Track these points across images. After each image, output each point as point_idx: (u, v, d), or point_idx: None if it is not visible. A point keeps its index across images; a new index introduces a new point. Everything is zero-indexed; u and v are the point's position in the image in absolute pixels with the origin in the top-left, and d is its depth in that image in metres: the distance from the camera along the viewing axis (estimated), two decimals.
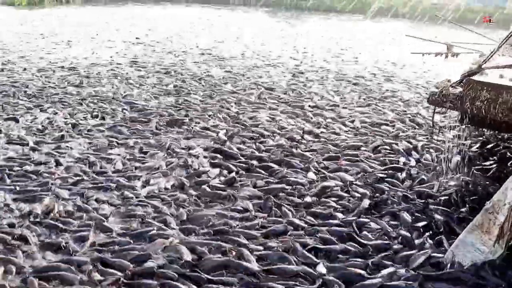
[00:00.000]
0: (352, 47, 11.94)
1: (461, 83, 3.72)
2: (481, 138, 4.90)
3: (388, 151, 4.85)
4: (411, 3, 19.40)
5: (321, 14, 19.55)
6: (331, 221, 3.49)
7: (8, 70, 8.14)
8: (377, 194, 3.92)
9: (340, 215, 3.58)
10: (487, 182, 4.08)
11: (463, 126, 4.22)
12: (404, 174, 4.28)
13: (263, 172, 4.31)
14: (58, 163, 4.41)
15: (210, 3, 21.78)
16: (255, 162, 4.48)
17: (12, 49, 10.21)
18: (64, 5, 20.36)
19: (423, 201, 3.81)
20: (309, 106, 6.41)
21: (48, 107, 6.17)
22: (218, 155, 4.66)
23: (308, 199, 3.81)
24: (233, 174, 4.23)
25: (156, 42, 11.63)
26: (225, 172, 4.32)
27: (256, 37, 12.96)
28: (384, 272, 2.93)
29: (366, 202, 3.74)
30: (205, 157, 4.65)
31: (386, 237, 3.34)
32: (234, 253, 3.06)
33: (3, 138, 5.09)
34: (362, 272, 2.93)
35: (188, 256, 2.98)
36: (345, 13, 19.73)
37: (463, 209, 3.68)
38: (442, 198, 3.84)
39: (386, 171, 4.35)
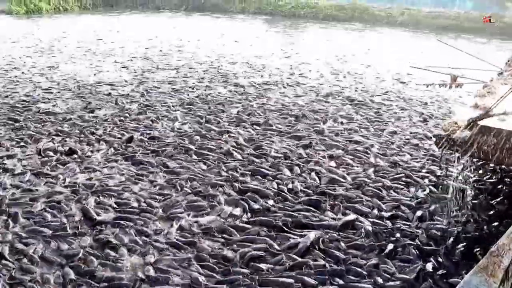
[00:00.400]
0: (353, 60, 12.01)
1: (469, 127, 3.83)
2: (489, 174, 4.98)
3: (398, 184, 4.91)
4: (408, 12, 19.57)
5: (319, 22, 19.64)
6: (352, 267, 3.60)
7: (13, 91, 8.12)
8: (385, 234, 4.02)
9: (360, 262, 3.68)
10: (493, 220, 4.18)
11: (470, 160, 4.30)
12: (413, 211, 4.36)
13: (287, 212, 4.33)
14: (78, 201, 4.41)
15: (208, 11, 21.85)
16: (274, 202, 4.50)
17: (15, 64, 10.24)
18: (62, 13, 20.38)
19: (430, 240, 3.91)
20: (319, 133, 6.38)
21: (57, 134, 6.10)
22: (237, 193, 4.66)
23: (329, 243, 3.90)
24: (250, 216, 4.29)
25: (157, 56, 11.69)
26: (246, 211, 4.36)
27: (257, 49, 13.02)
28: None
29: (378, 246, 3.85)
30: (224, 193, 4.69)
31: (398, 282, 3.45)
32: None
33: (8, 170, 5.02)
34: None
35: None
36: (343, 21, 19.85)
37: (467, 249, 3.77)
38: (448, 236, 3.94)
39: (396, 208, 4.44)
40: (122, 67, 10.32)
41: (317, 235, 3.89)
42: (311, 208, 4.38)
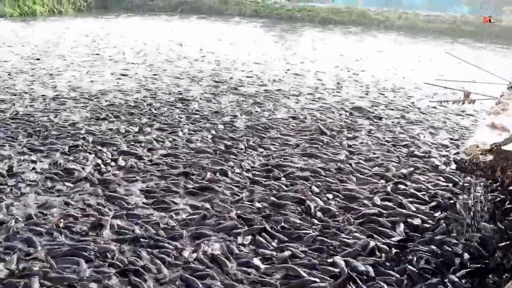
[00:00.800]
0: (353, 66, 12.02)
1: (491, 151, 3.84)
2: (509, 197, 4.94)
3: (417, 204, 4.85)
4: (405, 16, 19.67)
5: (316, 26, 19.64)
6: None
7: (12, 102, 7.86)
8: (404, 256, 4.00)
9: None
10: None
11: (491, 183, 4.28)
12: (431, 232, 4.34)
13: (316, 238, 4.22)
14: (95, 226, 4.20)
15: (204, 13, 21.76)
16: (301, 228, 4.38)
17: (13, 72, 10.06)
18: (56, 16, 20.18)
19: (446, 261, 3.89)
20: (334, 154, 6.14)
21: (67, 150, 5.83)
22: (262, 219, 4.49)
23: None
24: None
25: (158, 63, 11.63)
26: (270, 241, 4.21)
27: (255, 55, 13.01)
28: None
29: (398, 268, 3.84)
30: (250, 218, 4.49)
31: None
32: None
33: (14, 191, 4.79)
34: None
35: None
36: (340, 24, 19.87)
37: (484, 272, 3.73)
38: (464, 258, 3.90)
39: (415, 229, 4.41)
40: (124, 75, 10.18)
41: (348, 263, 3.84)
42: (336, 231, 4.30)
